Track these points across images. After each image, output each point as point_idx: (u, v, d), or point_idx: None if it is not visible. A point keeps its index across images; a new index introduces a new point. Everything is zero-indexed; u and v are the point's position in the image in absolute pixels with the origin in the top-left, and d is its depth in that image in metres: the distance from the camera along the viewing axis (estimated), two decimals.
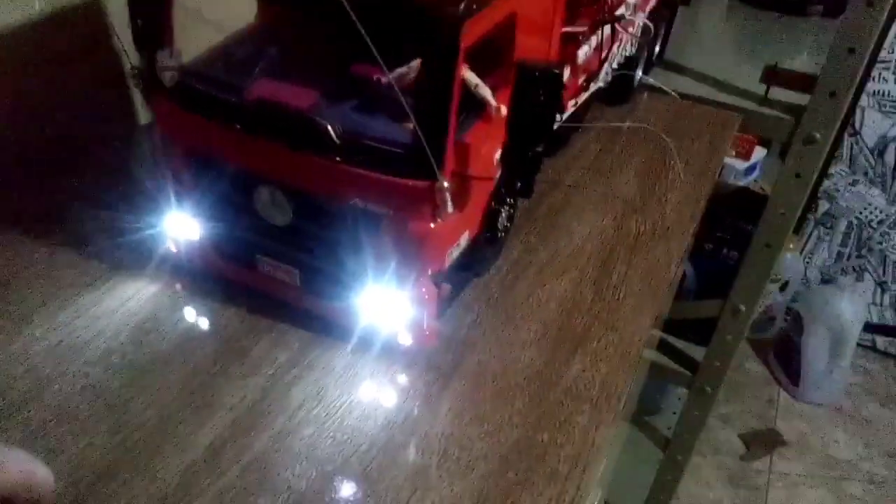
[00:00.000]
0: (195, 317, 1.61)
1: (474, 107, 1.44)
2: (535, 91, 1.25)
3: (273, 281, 1.58)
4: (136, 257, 1.71)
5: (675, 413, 3.95)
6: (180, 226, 1.63)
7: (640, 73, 2.80)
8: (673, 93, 2.65)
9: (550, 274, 1.87)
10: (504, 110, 1.41)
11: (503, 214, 1.78)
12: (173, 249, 1.68)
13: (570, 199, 2.21)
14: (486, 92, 1.42)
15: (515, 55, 1.47)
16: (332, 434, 1.36)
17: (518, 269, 1.87)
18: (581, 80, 2.06)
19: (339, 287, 1.51)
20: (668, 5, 2.99)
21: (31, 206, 1.87)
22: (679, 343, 3.68)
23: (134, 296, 1.64)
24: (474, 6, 1.20)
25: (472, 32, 1.24)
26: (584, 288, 1.84)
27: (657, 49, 3.13)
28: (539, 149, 1.32)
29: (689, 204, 2.29)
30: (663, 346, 3.57)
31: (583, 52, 1.94)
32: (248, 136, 1.39)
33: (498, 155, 1.54)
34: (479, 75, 1.40)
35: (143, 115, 2.36)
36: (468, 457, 1.35)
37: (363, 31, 1.05)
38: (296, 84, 1.43)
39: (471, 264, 1.70)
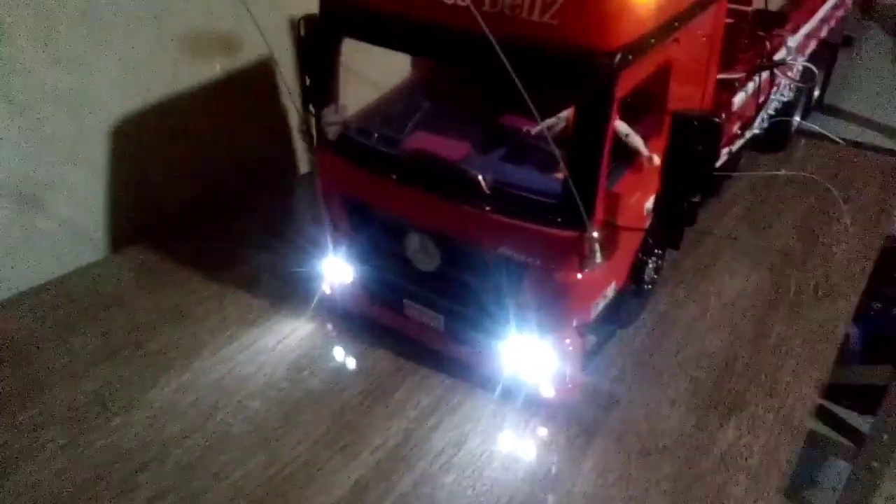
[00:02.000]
0: (345, 356, 1.68)
1: (624, 156, 1.42)
2: (693, 141, 1.21)
3: (418, 325, 1.62)
4: (296, 297, 1.82)
5: (834, 490, 3.57)
6: (336, 269, 1.72)
7: (797, 118, 2.65)
8: (836, 138, 2.48)
9: (701, 330, 1.78)
10: (657, 160, 1.38)
11: (650, 266, 1.72)
12: (328, 291, 1.78)
13: (721, 250, 2.10)
14: (637, 141, 1.40)
15: (669, 103, 1.45)
16: (472, 483, 1.36)
17: (665, 323, 1.80)
18: (736, 127, 1.97)
19: (482, 334, 1.52)
20: (829, 48, 2.82)
21: (206, 249, 2.05)
22: (841, 411, 3.35)
23: (291, 334, 1.74)
24: (630, 56, 1.20)
25: (627, 82, 1.23)
26: (738, 347, 1.73)
27: (816, 93, 2.95)
28: (695, 199, 1.27)
29: (857, 260, 2.10)
30: (823, 413, 3.26)
31: (738, 99, 1.87)
32: (403, 185, 1.45)
33: (649, 205, 1.50)
34: (630, 123, 1.38)
35: (304, 167, 2.55)
36: None
37: (516, 80, 1.07)
38: (448, 137, 1.49)
39: (616, 316, 1.66)
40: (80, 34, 1.87)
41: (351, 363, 1.67)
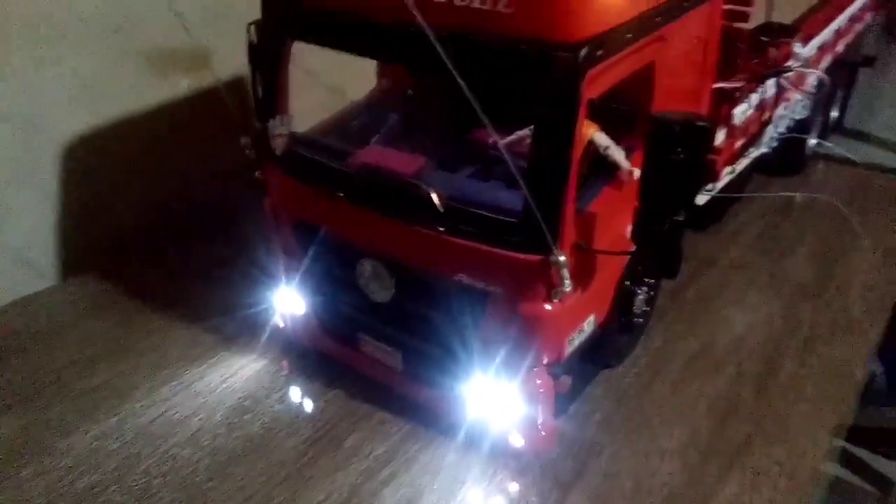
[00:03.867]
0: (293, 398, 1.50)
1: (605, 172, 1.24)
2: (674, 148, 1.03)
3: (375, 362, 1.43)
4: (246, 332, 1.64)
5: None
6: (288, 300, 1.55)
7: (813, 140, 2.45)
8: (851, 157, 2.28)
9: (701, 369, 1.57)
10: (637, 174, 1.20)
11: (640, 297, 1.53)
12: (281, 325, 1.60)
13: (727, 281, 1.89)
14: (617, 155, 1.22)
15: (654, 111, 1.27)
16: None
17: (660, 362, 1.59)
18: (738, 144, 1.79)
19: (442, 373, 1.32)
20: (848, 66, 2.63)
21: (160, 279, 1.89)
22: (866, 455, 3.09)
23: (237, 372, 1.56)
24: (599, 51, 1.03)
25: (598, 82, 1.06)
26: (743, 388, 1.52)
27: (835, 115, 2.76)
28: (678, 218, 1.08)
29: (878, 292, 1.88)
30: (848, 459, 3.00)
31: (740, 111, 1.68)
32: (351, 203, 1.28)
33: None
34: (614, 137, 1.21)
35: None
36: None
37: (459, 80, 0.90)
38: (403, 151, 1.32)
39: (600, 355, 1.46)
40: (27, 49, 1.75)
41: (300, 406, 1.48)
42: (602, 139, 1.18)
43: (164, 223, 2.07)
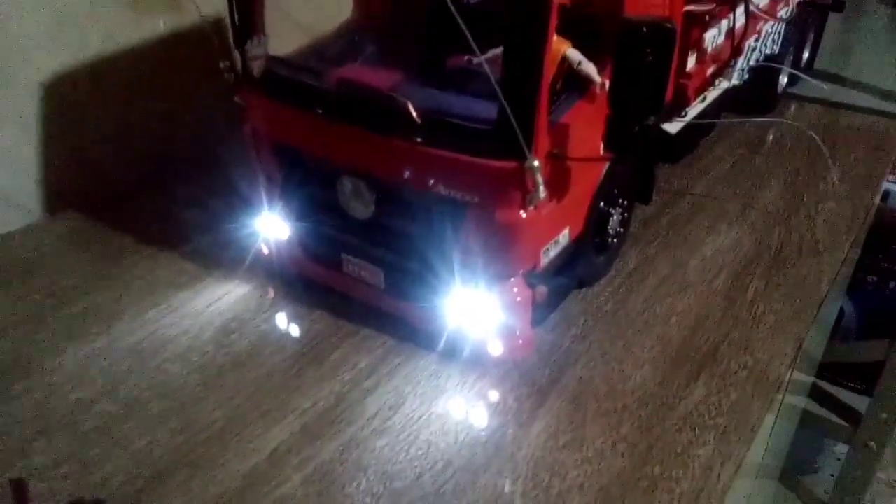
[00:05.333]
0: (279, 319, 1.54)
1: (578, 87, 1.28)
2: (642, 49, 1.06)
3: (358, 282, 1.47)
4: (232, 257, 1.67)
5: (832, 475, 3.41)
6: (271, 225, 1.58)
7: (785, 77, 2.50)
8: (822, 85, 2.32)
9: (673, 288, 1.63)
10: (608, 85, 1.24)
11: (615, 218, 1.58)
12: (265, 250, 1.63)
13: (700, 209, 1.94)
14: (589, 69, 1.25)
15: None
16: (405, 448, 1.21)
17: (633, 280, 1.65)
18: (709, 71, 1.82)
19: (423, 288, 1.37)
20: (818, 7, 2.67)
21: (145, 212, 1.91)
22: (837, 391, 3.19)
23: (223, 297, 1.60)
24: None
25: None
26: (712, 304, 1.58)
27: (806, 55, 2.80)
28: (649, 122, 1.12)
29: (844, 217, 1.95)
30: (819, 394, 3.10)
31: (710, 37, 1.71)
32: (329, 121, 1.31)
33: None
34: (584, 53, 1.24)
35: None
36: (560, 485, 1.14)
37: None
38: (381, 68, 1.34)
39: (576, 271, 1.51)
40: None
41: (285, 325, 1.52)
42: (574, 55, 1.22)
43: (148, 161, 2.08)
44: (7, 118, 1.84)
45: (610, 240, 1.58)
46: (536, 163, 1.12)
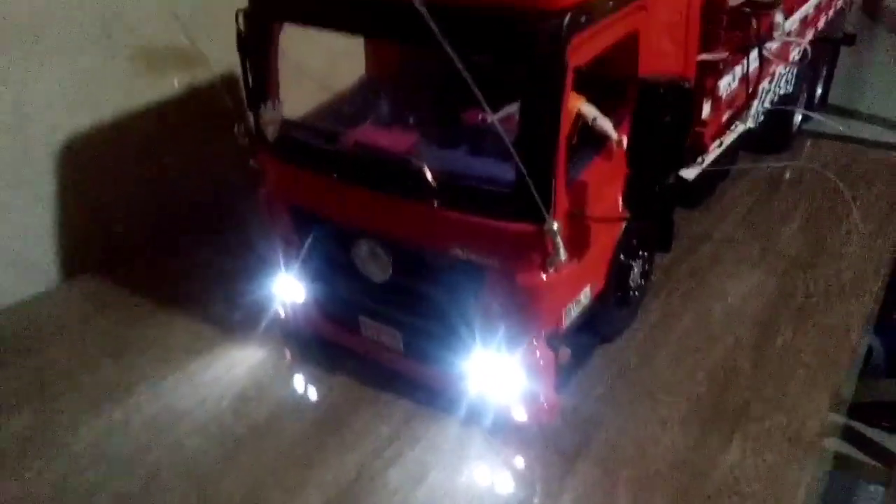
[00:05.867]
0: (297, 384, 1.51)
1: (594, 143, 1.26)
2: (661, 110, 1.05)
3: (376, 344, 1.45)
4: (248, 323, 1.65)
5: None
6: (287, 288, 1.56)
7: (800, 115, 2.48)
8: (840, 127, 2.29)
9: (698, 341, 1.59)
10: (625, 141, 1.22)
11: (635, 270, 1.55)
12: (282, 313, 1.61)
13: (720, 255, 1.91)
14: (605, 124, 1.24)
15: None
16: None
17: (658, 334, 1.61)
18: (724, 116, 1.81)
19: (443, 351, 1.34)
20: (830, 43, 2.66)
21: (161, 276, 1.90)
22: (870, 432, 3.10)
23: (241, 362, 1.57)
24: (583, 18, 1.05)
25: (582, 50, 1.07)
26: (740, 357, 1.53)
27: (819, 91, 2.78)
28: (669, 181, 1.10)
29: (871, 259, 1.90)
30: (851, 435, 3.01)
31: (725, 84, 1.70)
32: (345, 184, 1.30)
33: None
34: (602, 109, 1.23)
35: None
36: None
37: (448, 49, 0.91)
38: (395, 130, 1.34)
39: (598, 328, 1.47)
40: (19, 49, 1.76)
41: (304, 391, 1.50)
42: (589, 110, 1.21)
43: (161, 223, 2.08)
44: (22, 180, 1.85)
45: (631, 293, 1.55)
46: (556, 226, 1.10)
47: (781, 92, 2.22)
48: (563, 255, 1.12)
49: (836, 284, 1.77)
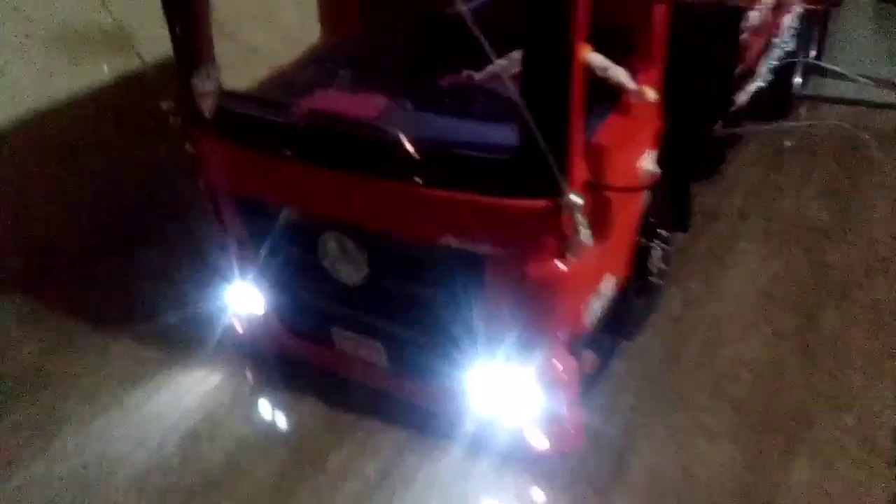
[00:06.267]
0: (260, 416, 1.24)
1: (604, 98, 1.01)
2: (710, 41, 0.81)
3: (354, 360, 1.18)
4: (197, 341, 1.36)
5: None
6: (243, 298, 1.29)
7: (799, 79, 2.28)
8: (855, 77, 2.08)
9: (731, 330, 1.34)
10: (651, 94, 0.98)
11: (656, 253, 1.31)
12: (238, 328, 1.34)
13: (738, 231, 1.68)
14: (620, 74, 0.99)
15: (655, 32, 1.05)
16: None
17: (683, 326, 1.36)
18: (756, 50, 1.56)
19: (437, 364, 1.08)
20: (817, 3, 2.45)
21: (96, 290, 1.60)
22: None
23: (190, 391, 1.30)
24: None
25: None
26: (783, 348, 1.30)
27: (813, 53, 2.58)
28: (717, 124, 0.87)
29: None
30: None
31: (754, 17, 1.46)
32: (301, 164, 1.03)
33: (645, 162, 1.09)
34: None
35: None
36: None
37: None
38: (360, 95, 1.08)
39: (618, 324, 1.23)
40: None
41: (270, 423, 1.23)
42: (598, 59, 0.96)
43: (92, 227, 1.78)
44: None
45: (653, 279, 1.31)
46: (578, 199, 0.85)
47: (786, 48, 2.00)
48: (585, 236, 0.87)
49: (875, 256, 1.55)
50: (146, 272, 1.62)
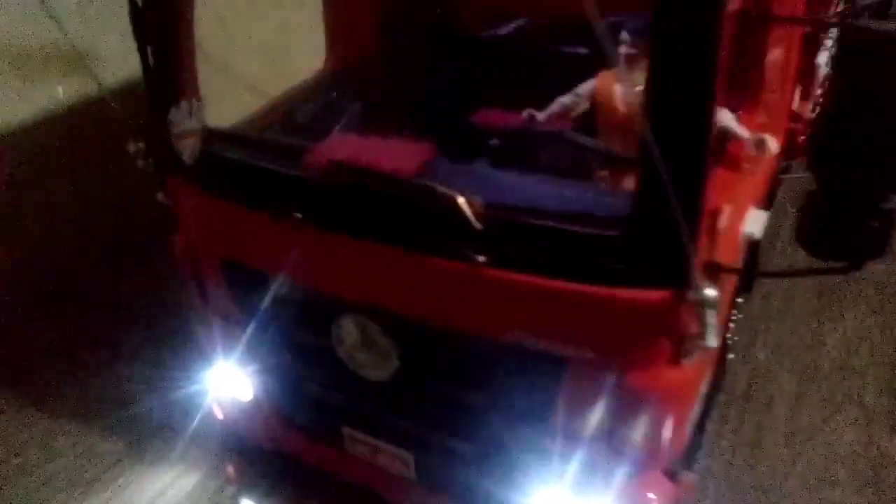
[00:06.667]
0: None
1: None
2: (873, 76, 0.60)
3: (370, 468, 0.94)
4: (171, 428, 1.13)
5: None
6: (227, 382, 1.03)
7: None
8: None
9: (812, 414, 1.15)
10: (775, 145, 0.77)
11: (731, 325, 1.10)
12: (219, 416, 1.08)
13: (793, 288, 1.47)
14: (727, 119, 0.79)
15: (762, 56, 0.84)
16: None
17: (756, 409, 1.15)
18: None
19: (483, 485, 0.84)
20: None
21: (45, 361, 1.33)
22: None
23: (161, 495, 1.04)
24: None
25: None
26: (877, 435, 1.10)
27: None
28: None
29: None
30: None
31: (822, 60, 1.27)
32: (316, 228, 0.79)
33: (748, 226, 0.88)
34: None
35: None
36: None
37: None
38: (391, 141, 0.84)
39: (704, 420, 1.01)
40: None
41: None
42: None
43: (53, 268, 1.53)
44: None
45: (727, 354, 1.10)
46: (712, 293, 0.62)
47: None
48: (713, 338, 0.64)
49: None
50: (102, 334, 1.37)
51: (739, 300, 1.14)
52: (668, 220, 0.59)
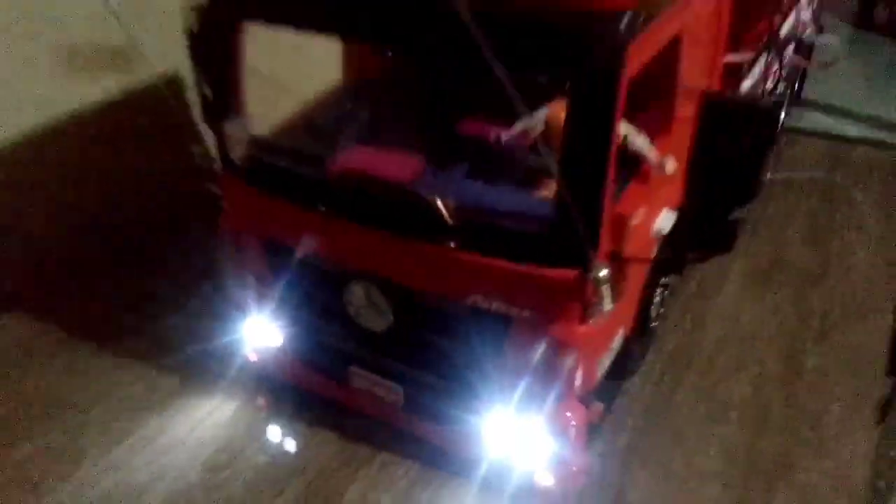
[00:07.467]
0: (277, 446, 1.29)
1: (627, 166, 1.08)
2: (739, 135, 0.88)
3: (370, 398, 1.24)
4: (211, 369, 1.41)
5: None
6: (260, 332, 1.33)
7: (783, 113, 2.37)
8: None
9: (721, 372, 1.44)
10: (671, 166, 1.05)
11: (657, 298, 1.39)
12: (253, 359, 1.39)
13: (725, 271, 1.77)
14: (641, 143, 1.07)
15: (677, 91, 1.12)
16: None
17: (677, 366, 1.45)
18: None
19: (454, 409, 1.14)
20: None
21: (99, 315, 1.62)
22: None
23: (206, 419, 1.34)
24: (639, 22, 0.86)
25: (638, 55, 0.89)
26: (769, 391, 1.39)
27: (796, 86, 2.69)
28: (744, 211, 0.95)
29: (881, 271, 1.79)
30: None
31: (747, 86, 1.55)
32: (335, 219, 1.08)
33: (658, 226, 1.17)
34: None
35: None
36: None
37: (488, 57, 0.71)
38: (393, 152, 1.13)
39: (621, 369, 1.31)
40: None
41: (286, 454, 1.28)
42: (627, 129, 1.03)
43: (100, 246, 1.78)
44: None
45: (652, 323, 1.39)
46: (604, 272, 0.92)
47: (777, 90, 2.09)
48: (608, 304, 0.94)
49: (853, 301, 1.65)
50: (151, 298, 1.64)
51: (665, 280, 1.42)
52: (576, 222, 0.88)
